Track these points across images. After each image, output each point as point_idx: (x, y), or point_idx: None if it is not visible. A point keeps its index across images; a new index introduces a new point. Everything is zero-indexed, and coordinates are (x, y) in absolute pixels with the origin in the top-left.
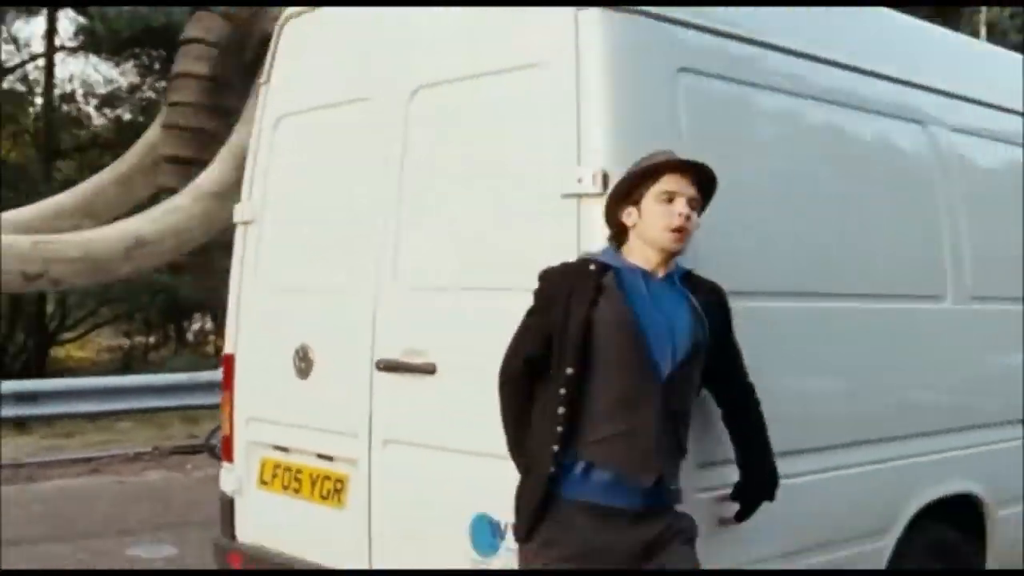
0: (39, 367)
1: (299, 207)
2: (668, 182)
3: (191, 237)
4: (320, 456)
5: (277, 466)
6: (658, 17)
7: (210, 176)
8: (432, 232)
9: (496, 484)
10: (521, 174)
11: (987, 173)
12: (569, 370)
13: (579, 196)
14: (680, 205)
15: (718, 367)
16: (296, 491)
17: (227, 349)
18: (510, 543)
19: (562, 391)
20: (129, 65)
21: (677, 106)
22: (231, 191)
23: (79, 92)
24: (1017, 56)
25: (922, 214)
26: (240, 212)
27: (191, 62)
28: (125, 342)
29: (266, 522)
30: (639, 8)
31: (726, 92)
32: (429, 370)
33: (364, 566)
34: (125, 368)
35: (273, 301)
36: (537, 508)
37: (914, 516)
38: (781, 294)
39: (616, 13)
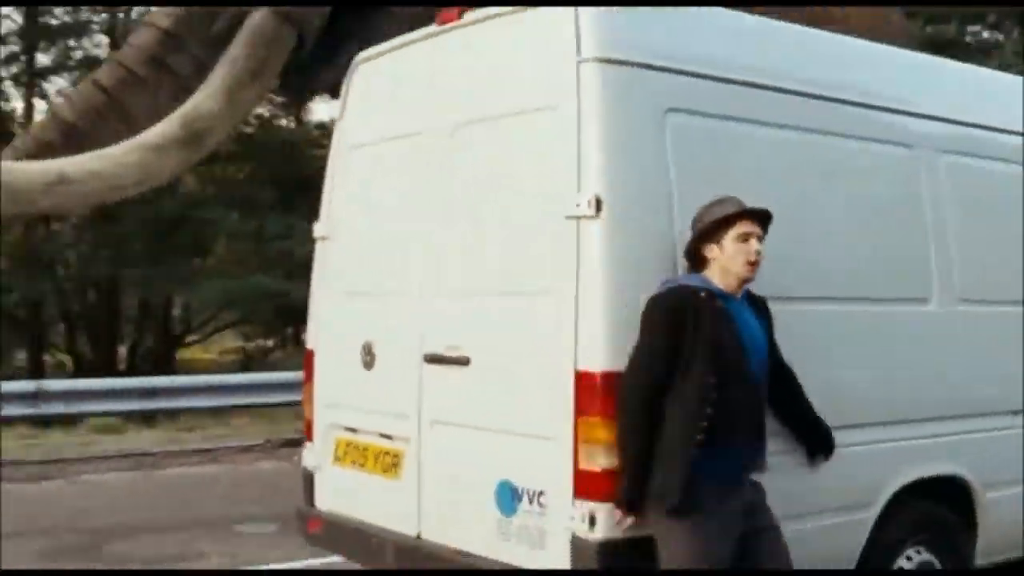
0: (167, 367)
1: (365, 225)
2: (743, 225)
3: (119, 183)
4: (382, 435)
5: (348, 444)
6: (648, 66)
7: (153, 130)
8: (468, 247)
9: (516, 457)
10: (536, 199)
11: (971, 188)
12: (712, 379)
13: (578, 218)
14: (754, 244)
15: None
16: (362, 465)
17: (308, 345)
18: (525, 505)
19: (712, 395)
20: None
21: (665, 142)
22: (172, 146)
23: None
24: (1000, 76)
25: (909, 228)
26: (318, 229)
27: (156, 15)
28: (247, 344)
29: (339, 492)
30: (631, 60)
31: (711, 127)
32: (463, 362)
33: (415, 527)
34: (244, 369)
35: (344, 305)
36: (685, 486)
37: (897, 492)
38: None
39: (610, 65)
